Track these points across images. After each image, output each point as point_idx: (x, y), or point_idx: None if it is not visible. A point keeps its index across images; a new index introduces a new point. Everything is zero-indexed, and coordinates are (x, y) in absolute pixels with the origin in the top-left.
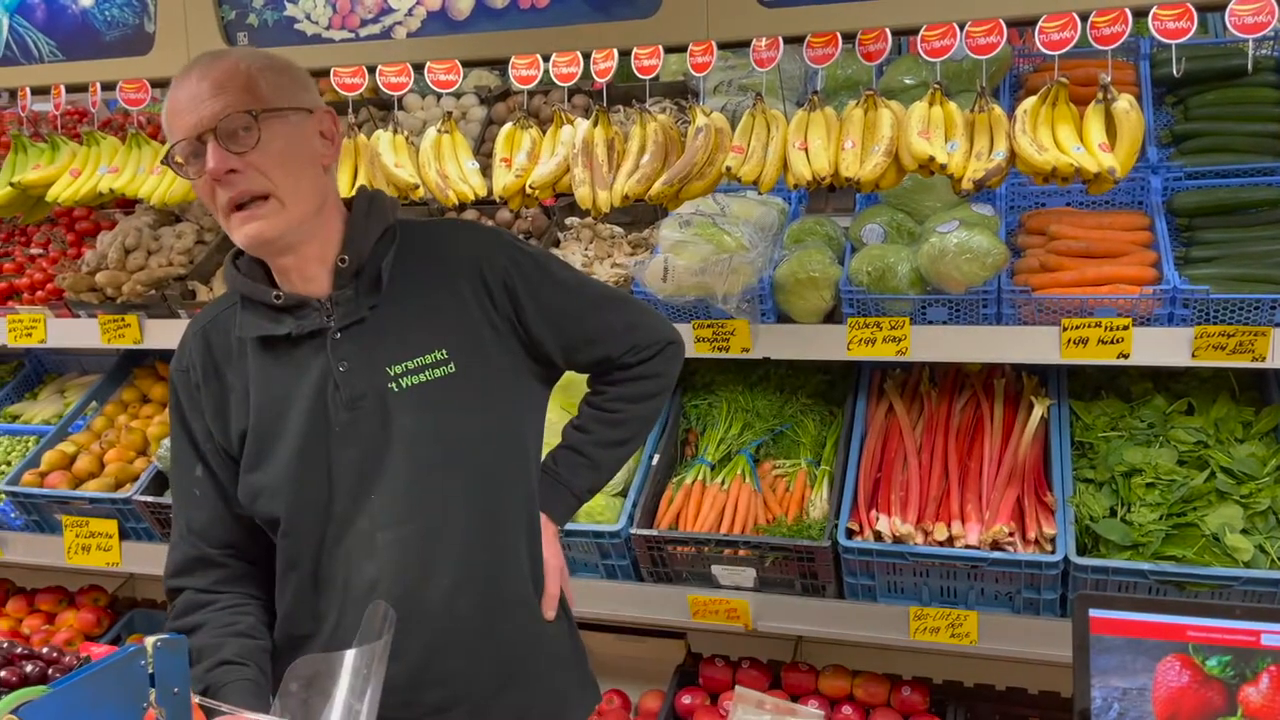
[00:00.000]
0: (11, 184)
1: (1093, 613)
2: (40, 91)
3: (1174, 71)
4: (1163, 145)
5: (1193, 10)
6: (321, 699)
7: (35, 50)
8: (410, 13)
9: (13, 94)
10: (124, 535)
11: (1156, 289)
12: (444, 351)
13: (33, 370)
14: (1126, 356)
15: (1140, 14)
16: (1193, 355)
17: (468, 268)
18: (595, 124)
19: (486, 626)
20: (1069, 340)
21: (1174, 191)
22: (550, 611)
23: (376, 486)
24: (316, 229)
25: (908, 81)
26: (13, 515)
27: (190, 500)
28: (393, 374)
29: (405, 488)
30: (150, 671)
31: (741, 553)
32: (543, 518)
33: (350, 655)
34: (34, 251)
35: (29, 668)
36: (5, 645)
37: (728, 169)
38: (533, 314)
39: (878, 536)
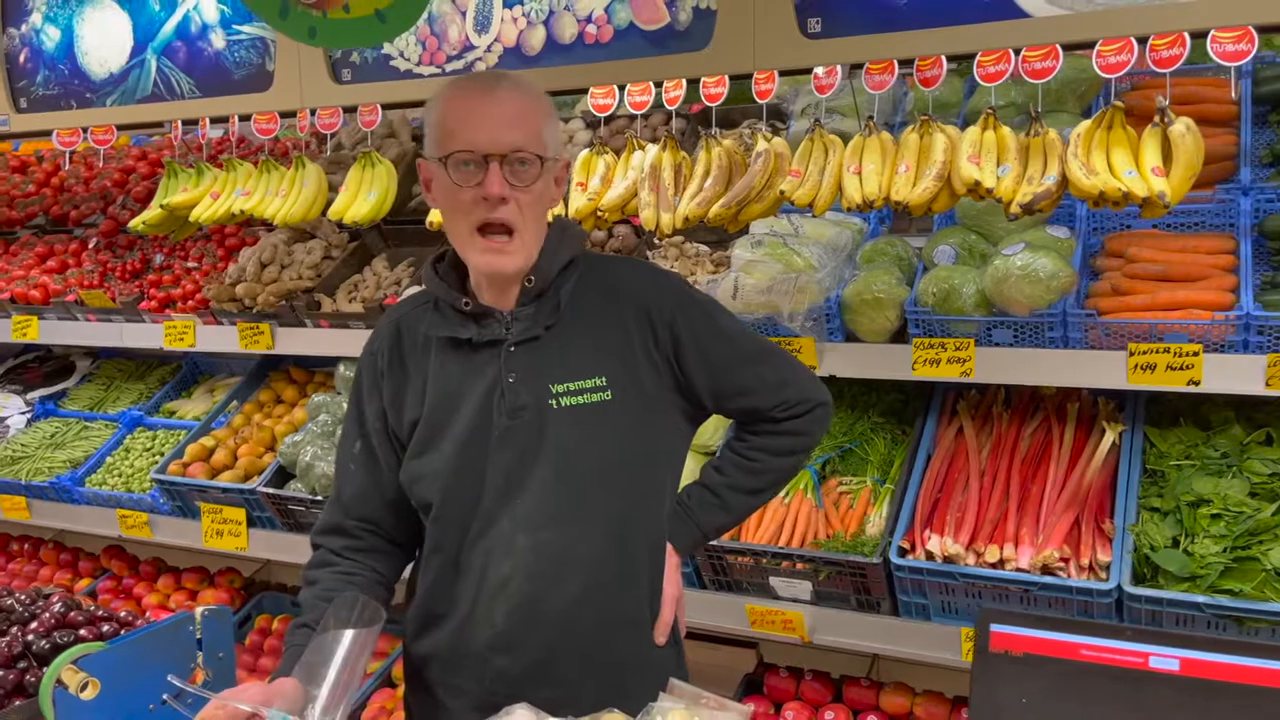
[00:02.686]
0: (161, 205)
1: (994, 628)
2: (189, 123)
3: (1232, 94)
4: (1263, 165)
5: (1253, 32)
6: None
7: (177, 87)
8: (489, 49)
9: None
10: (251, 523)
11: (1229, 315)
12: (603, 379)
13: (189, 371)
14: (1197, 384)
15: (1200, 36)
16: (1267, 384)
17: (637, 305)
18: (664, 149)
19: (602, 640)
20: (1135, 366)
21: (1267, 214)
22: (661, 637)
23: (522, 492)
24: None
25: (999, 102)
26: (161, 501)
27: (345, 473)
28: (554, 392)
29: (548, 498)
30: (198, 637)
31: (798, 566)
32: (667, 547)
33: (346, 638)
34: (190, 265)
35: (105, 628)
36: (90, 608)
37: (781, 192)
38: (691, 358)
39: (929, 556)
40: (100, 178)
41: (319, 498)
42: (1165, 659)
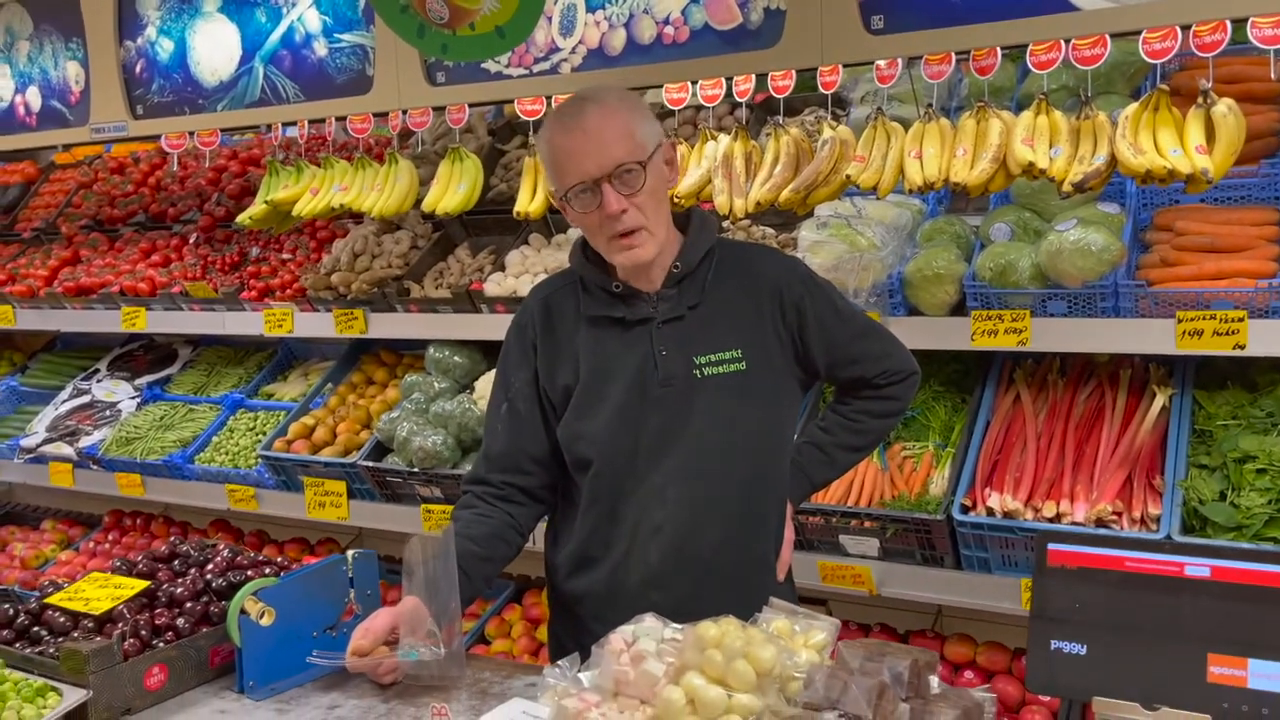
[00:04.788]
0: (266, 201)
1: (1050, 546)
2: (288, 124)
3: (1272, 74)
4: None
5: None
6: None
7: (283, 92)
8: (573, 51)
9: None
10: (351, 495)
11: (1272, 283)
12: (739, 352)
13: (284, 356)
14: (1243, 348)
15: (1241, 21)
16: None
17: (770, 287)
18: (735, 139)
19: (738, 577)
20: (1184, 332)
21: None
22: (781, 574)
23: (673, 450)
24: (665, 244)
25: (1052, 85)
26: (266, 475)
27: (493, 432)
28: (698, 363)
29: (695, 455)
30: (350, 576)
31: (866, 524)
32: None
33: (438, 559)
34: (285, 256)
35: (267, 570)
36: (253, 555)
37: (847, 177)
38: (813, 333)
39: (989, 512)
40: (195, 176)
41: (415, 470)
42: (1198, 567)
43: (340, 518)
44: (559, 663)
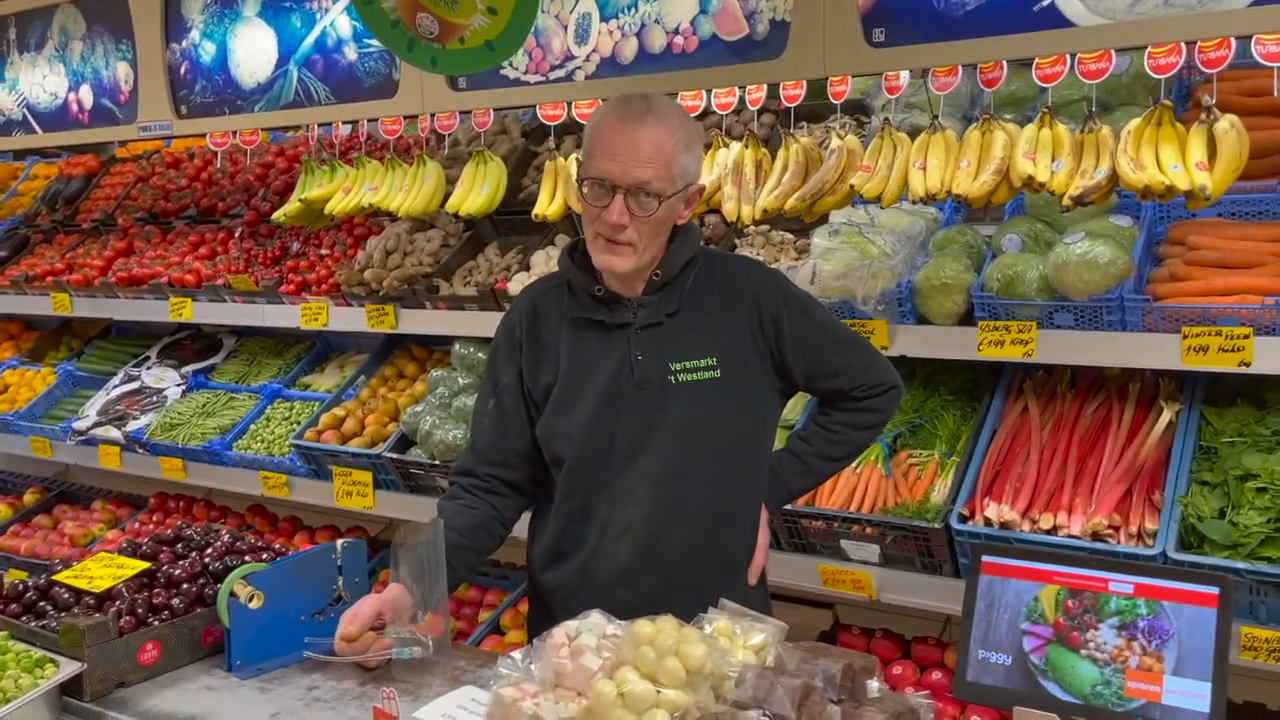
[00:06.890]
0: (300, 200)
1: (984, 558)
2: (323, 124)
3: (1275, 92)
4: None
5: None
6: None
7: (315, 95)
8: (587, 59)
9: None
10: (377, 485)
11: (1278, 300)
12: (714, 360)
13: (321, 348)
14: (1248, 365)
15: (1244, 38)
16: None
17: (748, 298)
18: (745, 146)
19: (707, 578)
20: (1189, 348)
21: None
22: (754, 579)
23: (645, 451)
24: (647, 259)
25: (1073, 96)
26: (298, 464)
27: (480, 427)
28: (673, 369)
29: (668, 457)
30: (339, 564)
31: (867, 530)
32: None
33: (426, 548)
34: (324, 252)
35: (264, 555)
36: (253, 541)
37: (851, 186)
38: (790, 345)
39: (987, 522)
40: (243, 172)
41: (438, 462)
42: (1122, 584)
43: (366, 507)
44: (512, 654)
